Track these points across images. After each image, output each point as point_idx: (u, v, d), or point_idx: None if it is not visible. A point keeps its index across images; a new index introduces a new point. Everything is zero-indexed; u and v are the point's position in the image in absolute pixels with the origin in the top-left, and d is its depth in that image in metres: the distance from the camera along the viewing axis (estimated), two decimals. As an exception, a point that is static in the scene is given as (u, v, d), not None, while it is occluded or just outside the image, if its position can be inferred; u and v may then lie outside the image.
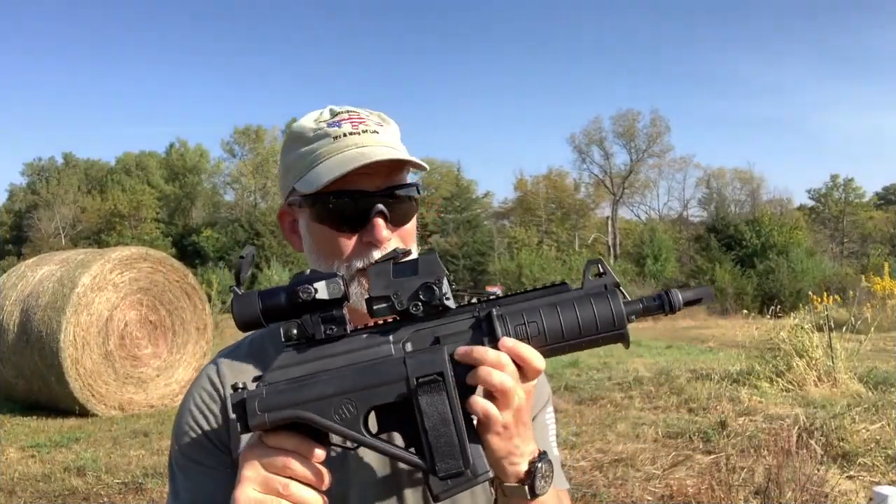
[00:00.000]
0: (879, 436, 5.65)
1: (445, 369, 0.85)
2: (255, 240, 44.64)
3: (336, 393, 0.85)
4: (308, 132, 1.13)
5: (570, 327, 0.89)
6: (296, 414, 0.85)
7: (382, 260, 0.92)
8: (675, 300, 0.91)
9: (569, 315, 0.89)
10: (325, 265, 1.10)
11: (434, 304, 0.89)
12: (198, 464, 1.09)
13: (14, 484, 5.66)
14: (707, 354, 12.44)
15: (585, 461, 5.65)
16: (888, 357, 10.97)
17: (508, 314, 0.90)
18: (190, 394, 1.14)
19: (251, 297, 0.90)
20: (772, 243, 39.74)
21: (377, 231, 1.07)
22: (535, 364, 0.88)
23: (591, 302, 0.90)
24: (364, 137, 1.10)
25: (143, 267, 9.10)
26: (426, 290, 0.88)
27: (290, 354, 0.90)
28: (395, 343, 0.90)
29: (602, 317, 0.89)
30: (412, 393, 0.84)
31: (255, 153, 57.63)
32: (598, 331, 0.89)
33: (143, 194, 53.07)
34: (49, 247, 41.81)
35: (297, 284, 0.89)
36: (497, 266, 37.78)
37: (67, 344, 8.22)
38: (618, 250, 51.22)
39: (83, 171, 61.36)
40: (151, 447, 6.76)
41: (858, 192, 56.94)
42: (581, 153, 57.05)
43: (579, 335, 0.89)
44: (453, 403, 0.84)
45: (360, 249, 1.09)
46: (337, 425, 0.85)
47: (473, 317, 0.91)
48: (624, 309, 0.90)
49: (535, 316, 0.89)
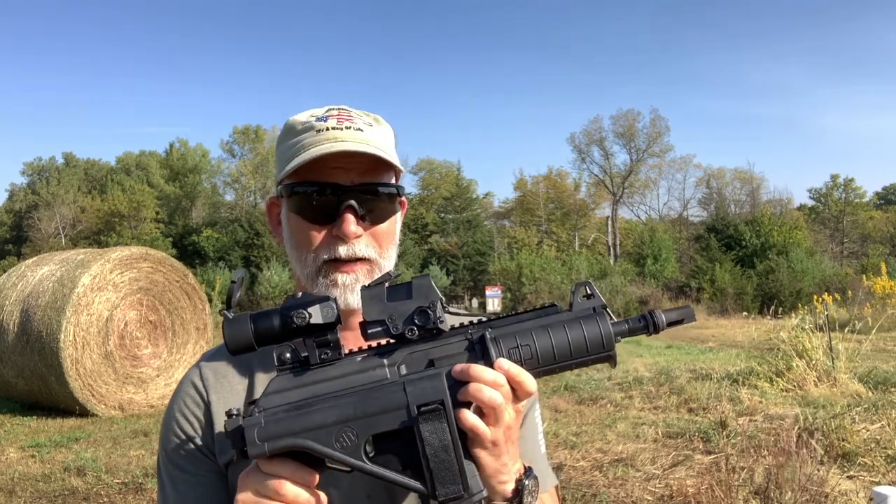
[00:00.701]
0: (879, 436, 5.64)
1: (446, 397, 0.86)
2: (254, 239, 44.64)
3: (337, 421, 0.86)
4: (297, 125, 1.15)
5: (561, 349, 0.91)
6: (296, 443, 0.86)
7: (376, 283, 0.92)
8: (658, 321, 0.94)
9: (560, 337, 0.91)
10: (297, 256, 1.12)
11: (429, 328, 0.89)
12: (184, 472, 1.11)
13: (14, 484, 5.66)
14: (707, 354, 12.44)
15: (585, 461, 5.64)
16: (888, 357, 10.97)
17: (501, 337, 0.91)
18: (174, 400, 1.15)
19: (243, 321, 0.89)
20: (772, 243, 39.71)
21: (345, 225, 1.07)
22: (527, 387, 0.89)
23: (581, 324, 0.92)
24: (346, 133, 1.11)
25: (143, 267, 9.10)
26: (421, 314, 0.89)
27: (285, 378, 0.90)
28: (389, 366, 0.90)
29: (591, 338, 0.91)
30: (413, 421, 0.85)
31: (254, 153, 57.62)
32: (587, 352, 0.91)
33: (143, 194, 53.03)
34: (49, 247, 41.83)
35: (289, 308, 0.89)
36: (497, 266, 37.73)
37: (67, 344, 8.21)
38: (618, 250, 51.20)
39: (83, 171, 61.37)
40: (151, 447, 6.76)
41: (858, 192, 56.97)
42: (581, 153, 57.11)
43: (570, 357, 0.91)
44: (453, 430, 0.85)
45: (328, 242, 1.09)
46: (338, 454, 0.86)
47: (466, 339, 0.92)
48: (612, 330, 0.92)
49: (527, 339, 0.91)
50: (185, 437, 1.11)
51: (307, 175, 1.09)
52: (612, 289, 30.17)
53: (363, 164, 1.09)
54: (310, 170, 1.09)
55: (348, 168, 1.08)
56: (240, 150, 58.82)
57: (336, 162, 1.08)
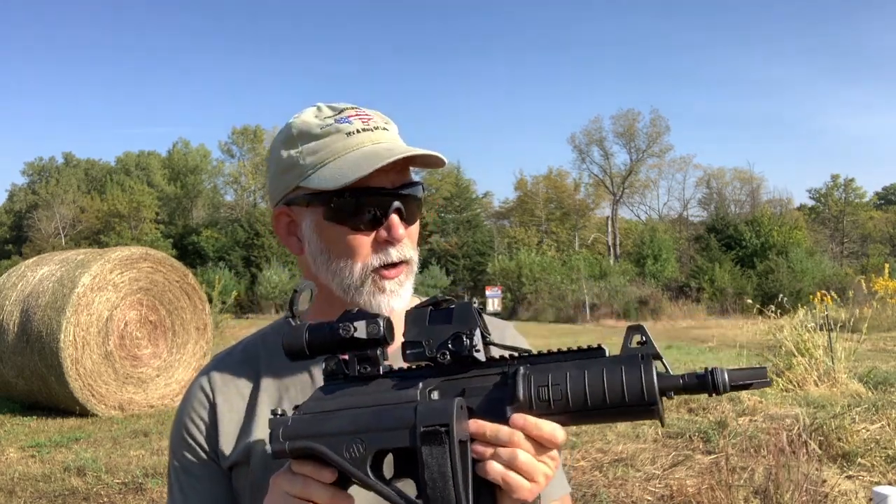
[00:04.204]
0: (879, 436, 5.64)
1: (451, 422, 0.81)
2: (254, 239, 44.65)
3: (350, 431, 0.86)
4: (314, 128, 1.08)
5: (595, 394, 0.82)
6: (311, 446, 0.87)
7: (422, 305, 0.91)
8: (720, 381, 0.80)
9: (595, 381, 0.83)
10: (337, 266, 1.08)
11: (463, 355, 0.87)
12: (190, 475, 1.12)
13: (14, 484, 5.66)
14: (707, 354, 12.45)
15: (585, 461, 5.65)
16: (888, 357, 10.98)
17: (534, 373, 0.85)
18: (183, 403, 1.16)
19: (300, 330, 0.94)
20: (771, 243, 39.74)
21: (395, 229, 1.05)
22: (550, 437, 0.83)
23: (622, 369, 0.82)
24: (377, 134, 1.08)
25: (143, 267, 9.10)
26: (455, 339, 0.88)
27: (327, 388, 0.93)
28: (422, 389, 0.89)
29: (631, 387, 0.81)
30: (414, 442, 0.83)
31: (254, 153, 57.64)
32: (624, 402, 0.81)
33: (142, 195, 53.03)
34: (49, 247, 41.83)
35: (341, 321, 0.91)
36: (497, 266, 37.74)
37: (67, 344, 8.21)
38: (618, 250, 51.21)
39: (83, 171, 61.38)
40: (151, 447, 6.76)
41: (858, 192, 56.99)
42: (581, 153, 57.05)
43: (604, 403, 0.82)
44: (454, 459, 0.80)
45: (377, 248, 1.07)
46: (344, 462, 0.86)
47: (503, 372, 0.88)
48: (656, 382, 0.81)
49: (560, 378, 0.84)
50: (191, 440, 1.12)
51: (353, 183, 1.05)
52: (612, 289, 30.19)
53: (398, 164, 1.05)
54: None
55: (388, 170, 1.04)
56: (239, 151, 58.88)
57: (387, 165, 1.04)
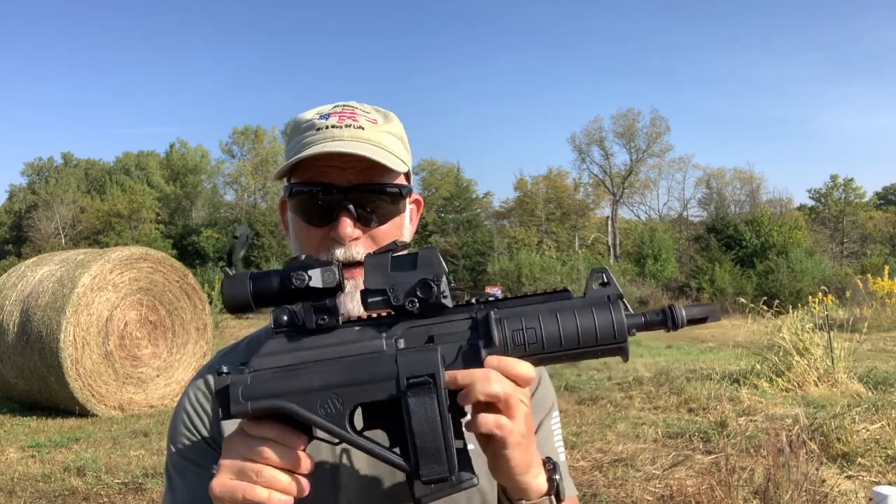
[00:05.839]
0: (879, 436, 5.64)
1: (437, 371, 0.81)
2: (255, 239, 44.62)
3: (323, 386, 0.83)
4: (301, 124, 1.12)
5: (569, 336, 0.85)
6: (278, 405, 0.82)
7: (381, 252, 0.88)
8: (678, 317, 0.87)
9: (568, 323, 0.85)
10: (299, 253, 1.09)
11: (431, 303, 0.85)
12: (193, 463, 1.10)
13: (14, 484, 5.66)
14: (707, 354, 12.45)
15: (585, 461, 5.65)
16: (888, 357, 10.97)
17: (507, 318, 0.86)
18: (185, 394, 1.15)
19: (242, 279, 0.87)
20: (771, 243, 39.72)
21: (341, 228, 1.04)
22: (524, 374, 0.84)
23: (593, 311, 0.86)
24: (345, 131, 1.07)
25: (143, 267, 9.10)
26: (424, 286, 0.85)
27: (280, 342, 0.87)
28: (387, 339, 0.86)
29: (602, 328, 0.85)
30: (401, 393, 0.81)
31: (254, 153, 57.60)
32: (597, 342, 0.85)
33: (142, 195, 52.99)
34: (49, 247, 41.80)
35: (291, 270, 0.86)
36: (497, 266, 37.72)
37: (67, 344, 8.21)
38: (618, 250, 51.18)
39: (83, 171, 61.35)
40: (151, 447, 6.76)
41: (858, 192, 56.94)
42: (581, 153, 57.03)
43: (577, 345, 0.86)
44: (442, 408, 0.81)
45: (324, 244, 1.06)
46: (321, 419, 0.82)
47: (471, 318, 0.87)
48: (626, 321, 0.86)
49: (533, 322, 0.86)
50: (194, 430, 1.11)
51: (306, 175, 1.07)
52: (612, 289, 30.11)
53: (361, 163, 1.05)
54: (307, 169, 1.07)
55: (345, 168, 1.05)
56: (239, 151, 58.85)
57: (333, 161, 1.05)
